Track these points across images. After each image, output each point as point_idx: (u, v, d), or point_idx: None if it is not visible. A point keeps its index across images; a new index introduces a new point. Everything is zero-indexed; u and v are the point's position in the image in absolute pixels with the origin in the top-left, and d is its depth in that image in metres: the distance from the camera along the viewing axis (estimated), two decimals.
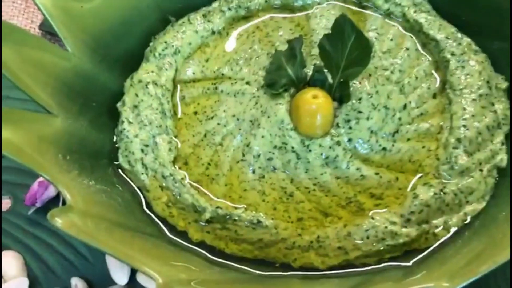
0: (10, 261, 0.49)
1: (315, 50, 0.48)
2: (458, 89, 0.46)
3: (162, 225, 0.44)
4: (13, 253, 0.49)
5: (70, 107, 0.43)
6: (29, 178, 0.52)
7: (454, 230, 0.42)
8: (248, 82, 0.48)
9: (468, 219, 0.43)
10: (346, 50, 0.43)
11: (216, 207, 0.43)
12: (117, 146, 0.47)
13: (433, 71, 0.49)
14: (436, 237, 0.42)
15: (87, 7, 0.46)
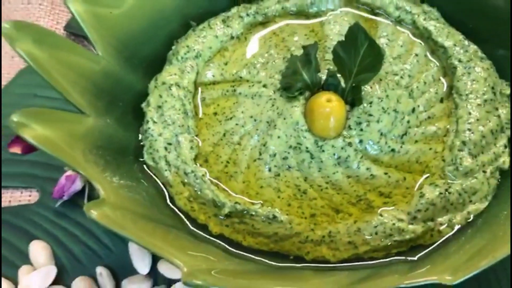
0: (39, 250, 0.51)
1: (329, 55, 0.50)
2: (464, 94, 0.48)
3: (184, 218, 0.45)
4: (41, 243, 0.52)
5: (99, 107, 0.45)
6: (56, 173, 0.55)
7: (457, 228, 0.44)
8: (265, 85, 0.50)
9: (471, 218, 0.44)
10: (359, 57, 0.44)
11: (234, 203, 0.44)
12: (142, 144, 0.48)
13: (440, 77, 0.50)
14: (440, 233, 0.44)
15: (116, 13, 0.47)
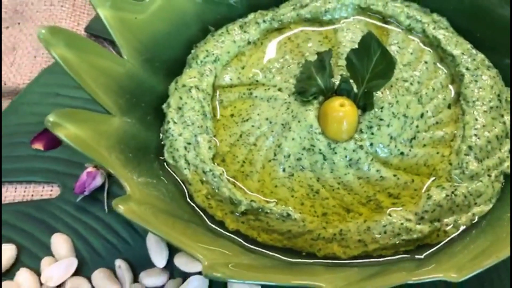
0: (61, 243, 0.53)
1: (342, 61, 0.51)
2: (471, 101, 0.49)
3: (202, 214, 0.47)
4: (63, 236, 0.54)
5: (123, 107, 0.47)
6: (76, 169, 0.57)
7: (462, 228, 0.45)
8: (280, 89, 0.51)
9: (476, 219, 0.45)
10: (371, 64, 0.45)
11: (250, 201, 0.45)
12: (162, 143, 0.50)
13: (448, 84, 0.52)
14: (446, 234, 0.45)
15: (140, 18, 0.49)
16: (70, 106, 0.61)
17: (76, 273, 0.52)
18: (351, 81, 0.48)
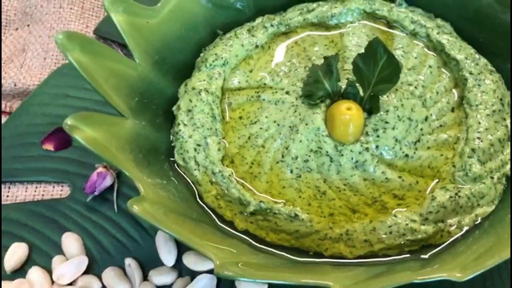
0: (71, 242, 0.54)
1: (347, 65, 0.52)
2: (474, 104, 0.50)
3: (212, 214, 0.48)
4: (73, 235, 0.54)
5: (135, 110, 0.48)
6: (85, 169, 0.58)
7: (466, 229, 0.46)
8: (287, 92, 0.52)
9: (479, 220, 0.46)
10: (378, 69, 0.46)
11: (259, 201, 0.46)
12: (173, 144, 0.51)
13: (452, 88, 0.53)
14: (450, 234, 0.46)
15: (152, 23, 0.50)
16: (79, 107, 0.62)
17: (86, 271, 0.52)
18: (357, 85, 0.49)
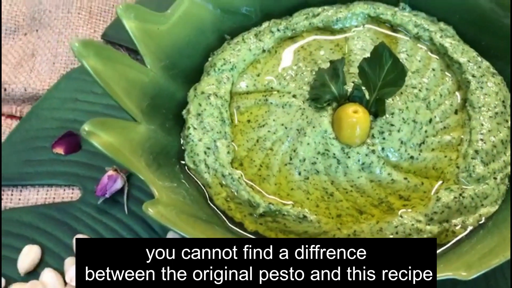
0: None
1: (353, 68, 0.53)
2: (477, 107, 0.51)
3: (222, 216, 0.48)
4: (84, 237, 0.55)
5: (147, 114, 0.48)
6: (95, 172, 0.59)
7: (470, 229, 0.46)
8: (294, 95, 0.53)
9: (482, 220, 0.47)
10: (383, 73, 0.47)
11: (268, 203, 0.47)
12: (183, 148, 0.51)
13: (455, 90, 0.53)
14: (454, 234, 0.46)
15: (162, 29, 0.51)
16: (88, 111, 0.63)
17: None
18: (363, 88, 0.50)
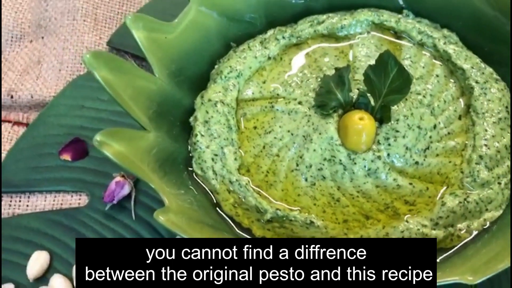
0: None
1: (358, 75, 0.54)
2: (480, 112, 0.51)
3: (230, 222, 0.49)
4: None
5: (155, 122, 0.49)
6: (103, 178, 0.59)
7: (475, 233, 0.47)
8: (300, 102, 0.53)
9: (487, 224, 0.47)
10: (388, 80, 0.48)
11: (276, 209, 0.47)
12: (190, 155, 0.52)
13: (459, 96, 0.54)
14: (459, 238, 0.47)
15: (170, 38, 0.51)
16: (95, 117, 0.64)
17: None
18: (368, 95, 0.50)
